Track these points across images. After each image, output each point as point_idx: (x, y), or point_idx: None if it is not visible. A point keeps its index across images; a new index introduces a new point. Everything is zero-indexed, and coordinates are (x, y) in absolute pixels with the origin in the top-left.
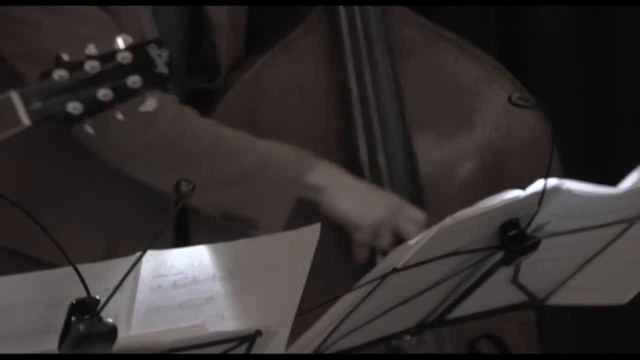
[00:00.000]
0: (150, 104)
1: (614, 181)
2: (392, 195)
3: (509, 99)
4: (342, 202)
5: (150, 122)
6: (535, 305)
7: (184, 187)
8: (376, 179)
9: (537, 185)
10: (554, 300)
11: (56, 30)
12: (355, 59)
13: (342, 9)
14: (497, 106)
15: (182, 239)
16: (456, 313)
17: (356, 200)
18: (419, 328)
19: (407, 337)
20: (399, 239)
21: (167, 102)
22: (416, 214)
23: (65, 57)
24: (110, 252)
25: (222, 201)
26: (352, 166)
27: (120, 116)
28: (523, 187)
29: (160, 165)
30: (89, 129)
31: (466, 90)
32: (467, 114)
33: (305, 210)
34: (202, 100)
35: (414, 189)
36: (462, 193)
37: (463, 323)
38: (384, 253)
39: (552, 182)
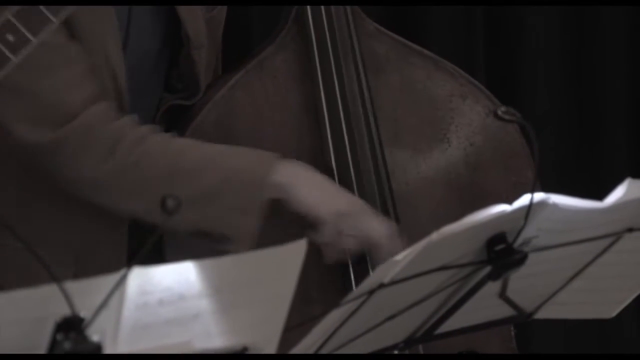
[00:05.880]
0: None
1: (600, 195)
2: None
3: (495, 114)
4: (306, 194)
5: (109, 153)
6: (523, 319)
7: (170, 203)
8: None
9: (524, 200)
10: (542, 314)
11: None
12: (324, 75)
13: (310, 24)
14: (472, 121)
15: (157, 256)
16: (444, 328)
17: (321, 191)
18: (407, 343)
19: (395, 352)
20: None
21: (125, 129)
22: (380, 224)
23: None
24: (78, 277)
25: (189, 219)
26: None
27: None
28: (499, 203)
29: (124, 192)
30: None
31: (441, 105)
32: (442, 130)
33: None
34: (179, 117)
35: (386, 205)
36: (437, 209)
37: (450, 337)
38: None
39: (539, 196)
